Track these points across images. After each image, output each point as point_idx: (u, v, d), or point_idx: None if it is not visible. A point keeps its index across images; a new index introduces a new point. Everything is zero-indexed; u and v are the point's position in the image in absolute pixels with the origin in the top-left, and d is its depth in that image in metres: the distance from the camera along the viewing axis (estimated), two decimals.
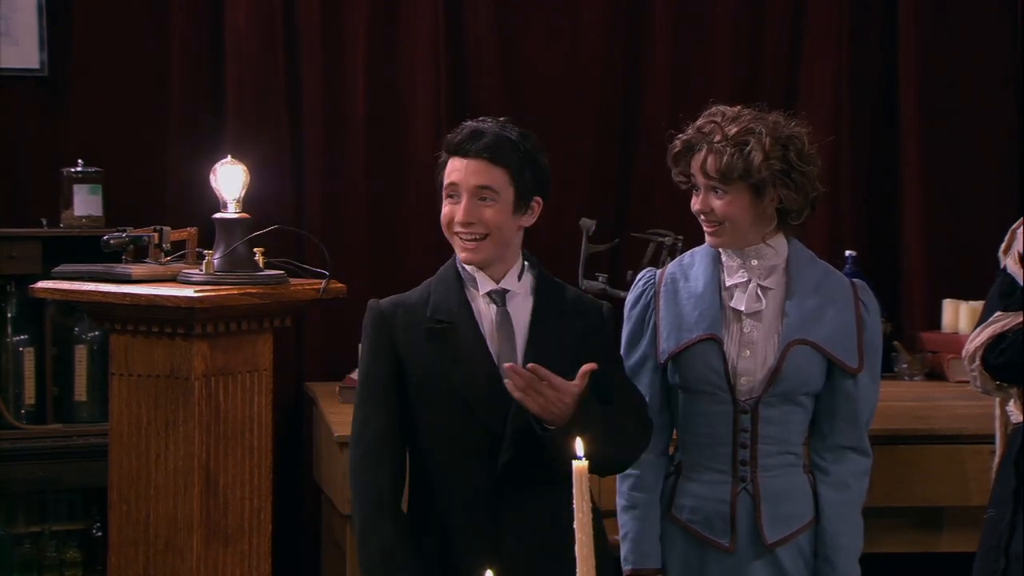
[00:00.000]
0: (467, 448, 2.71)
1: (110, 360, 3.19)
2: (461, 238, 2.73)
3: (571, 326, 2.76)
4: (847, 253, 4.63)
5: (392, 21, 4.74)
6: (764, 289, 2.85)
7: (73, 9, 4.56)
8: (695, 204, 2.86)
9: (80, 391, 4.29)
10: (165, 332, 3.10)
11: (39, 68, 4.52)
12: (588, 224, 4.26)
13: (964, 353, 3.32)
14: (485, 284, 2.75)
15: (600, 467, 2.59)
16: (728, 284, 2.86)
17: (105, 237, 3.28)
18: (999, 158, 4.97)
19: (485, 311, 2.75)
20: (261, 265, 3.18)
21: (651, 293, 2.92)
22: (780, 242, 2.87)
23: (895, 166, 4.96)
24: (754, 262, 2.86)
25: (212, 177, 3.18)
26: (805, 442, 2.94)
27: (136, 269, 3.19)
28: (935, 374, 4.67)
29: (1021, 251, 3.29)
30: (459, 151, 2.73)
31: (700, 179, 2.84)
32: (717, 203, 2.82)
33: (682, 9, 4.89)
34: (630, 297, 2.96)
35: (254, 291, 3.12)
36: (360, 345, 2.82)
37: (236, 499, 3.18)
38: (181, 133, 4.61)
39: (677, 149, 2.89)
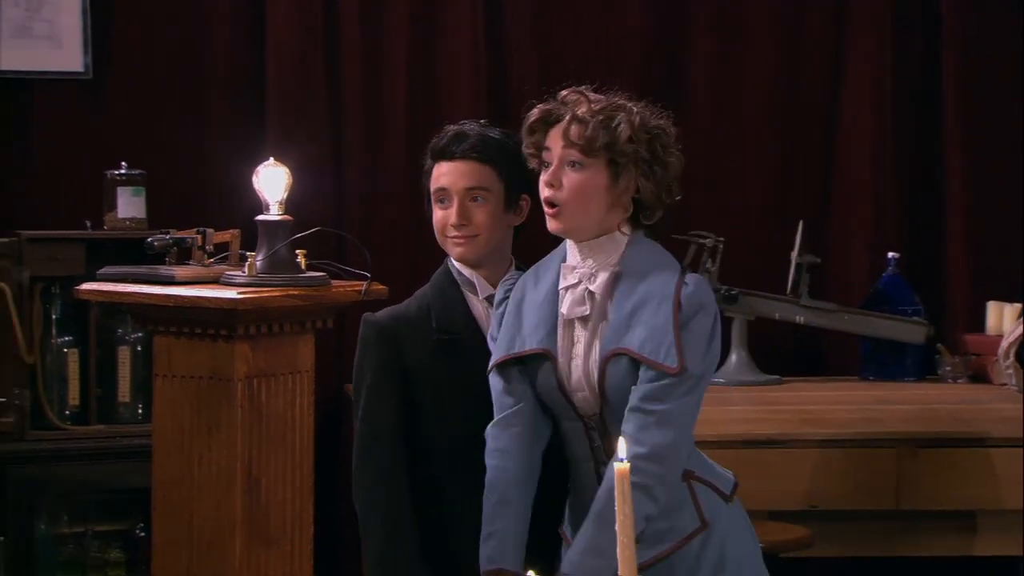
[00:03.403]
0: (481, 465, 2.65)
1: (153, 361, 3.19)
2: (454, 240, 2.72)
3: None
4: (889, 255, 4.62)
5: (432, 23, 4.75)
6: (591, 293, 2.59)
7: (116, 12, 4.59)
8: (544, 177, 2.58)
9: (123, 392, 4.30)
10: (208, 334, 3.11)
11: (83, 71, 4.55)
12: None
13: (999, 351, 3.29)
14: (483, 288, 2.74)
15: None
16: (561, 286, 2.61)
17: (149, 239, 3.29)
18: None
19: (484, 317, 2.74)
20: (303, 267, 3.18)
21: (508, 299, 2.69)
22: (627, 235, 2.60)
23: (938, 166, 4.92)
24: (589, 260, 2.59)
25: (255, 179, 3.18)
26: None
27: (180, 271, 3.20)
28: (979, 377, 4.62)
29: None
30: (445, 154, 2.73)
31: (556, 150, 2.57)
32: (571, 177, 2.55)
33: (722, 15, 4.87)
34: (496, 299, 2.73)
35: (296, 293, 3.12)
36: (357, 361, 2.76)
37: (278, 500, 3.17)
38: (222, 135, 4.62)
39: (535, 118, 2.60)
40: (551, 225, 2.59)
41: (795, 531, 3.79)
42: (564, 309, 2.59)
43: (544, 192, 2.58)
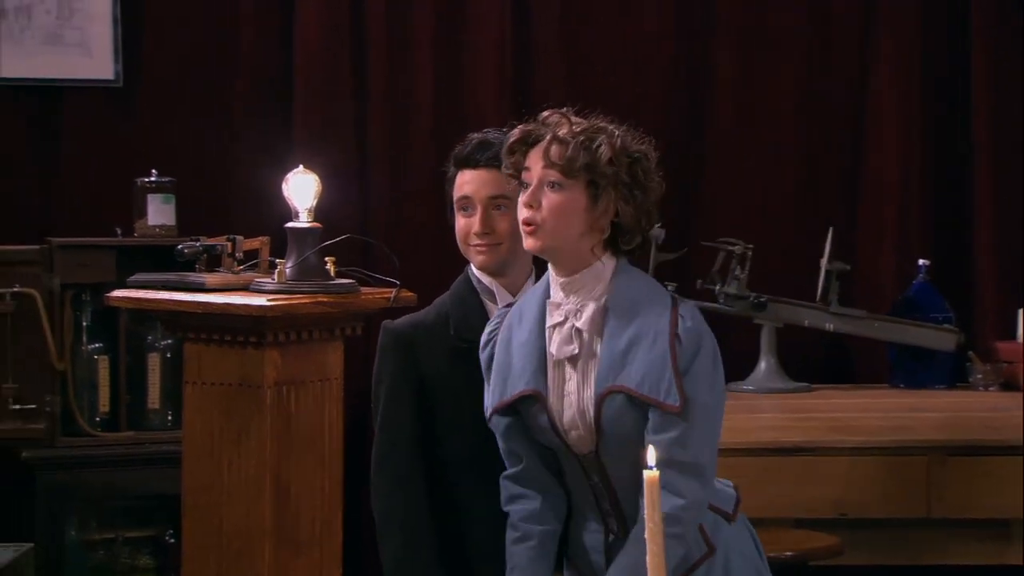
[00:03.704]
0: (495, 472, 2.64)
1: (183, 368, 3.20)
2: (476, 248, 2.71)
3: None
4: (919, 262, 4.60)
5: (458, 29, 4.75)
6: (579, 331, 2.53)
7: (146, 20, 4.61)
8: (523, 198, 2.53)
9: (153, 399, 4.31)
10: (237, 341, 3.11)
11: (113, 79, 4.57)
12: (657, 233, 4.24)
13: None
14: (503, 297, 2.72)
15: None
16: (548, 324, 2.55)
17: (179, 247, 3.29)
18: None
19: None
20: (332, 274, 3.18)
21: (494, 341, 2.63)
22: (609, 263, 2.55)
23: (966, 173, 4.90)
24: (573, 296, 2.54)
25: (284, 186, 3.18)
26: None
27: (209, 278, 3.20)
28: (1010, 385, 4.59)
29: None
30: (469, 163, 2.71)
31: (536, 170, 2.52)
32: (550, 197, 2.51)
33: (748, 17, 4.86)
34: (482, 343, 2.67)
35: (325, 300, 3.11)
36: (376, 368, 2.76)
37: (307, 507, 3.17)
38: (251, 142, 4.64)
39: (515, 138, 2.56)
40: (527, 243, 2.54)
41: (824, 539, 3.77)
42: (553, 349, 2.55)
43: (522, 212, 2.54)
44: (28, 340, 4.22)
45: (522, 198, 2.54)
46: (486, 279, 2.74)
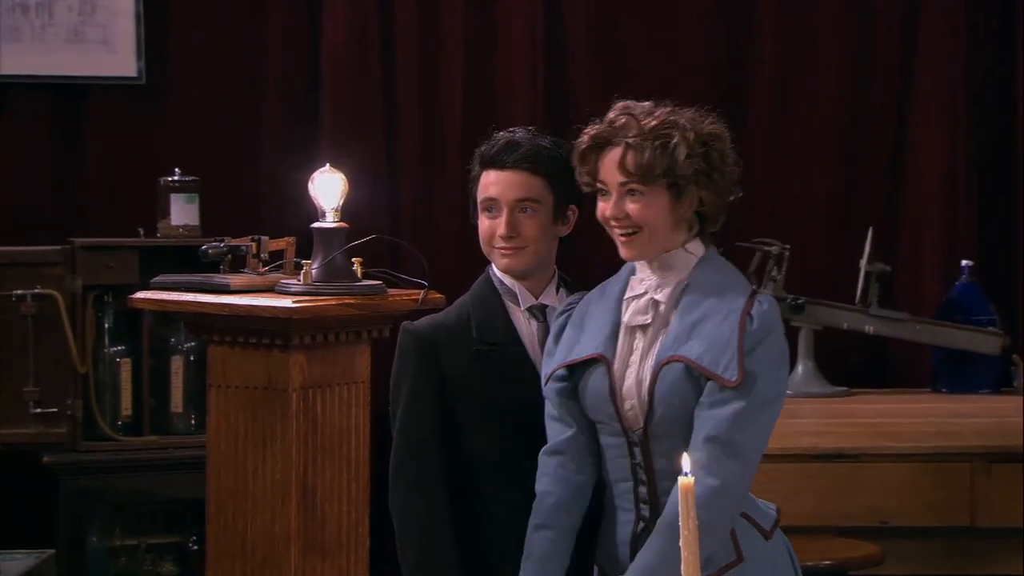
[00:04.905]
0: (518, 477, 2.64)
1: (208, 371, 3.18)
2: (501, 251, 2.69)
3: None
4: (963, 263, 4.58)
5: (489, 29, 4.74)
6: (656, 303, 2.56)
7: (171, 17, 4.60)
8: (604, 210, 2.55)
9: (176, 402, 4.30)
10: (263, 343, 3.08)
11: (137, 76, 4.57)
12: None
13: None
14: (525, 299, 2.72)
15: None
16: (627, 296, 2.60)
17: (203, 247, 3.28)
18: None
19: (526, 327, 2.72)
20: (359, 275, 3.15)
21: (571, 313, 2.66)
22: (698, 250, 2.59)
23: (1012, 171, 4.85)
24: (657, 271, 2.58)
25: (310, 186, 3.17)
26: None
27: (234, 279, 3.18)
28: None
29: None
30: (495, 163, 2.70)
31: (614, 179, 2.54)
32: (632, 207, 2.53)
33: (788, 11, 4.83)
34: (556, 313, 2.72)
35: (352, 302, 3.08)
36: (395, 369, 2.75)
37: (334, 512, 3.14)
38: (276, 141, 4.64)
39: (585, 146, 2.57)
40: (624, 253, 2.58)
41: (865, 548, 3.74)
42: (626, 317, 2.57)
43: (610, 224, 2.56)
44: (50, 343, 4.22)
45: (607, 211, 2.56)
46: (508, 280, 2.73)
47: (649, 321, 2.55)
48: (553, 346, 2.64)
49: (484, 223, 2.72)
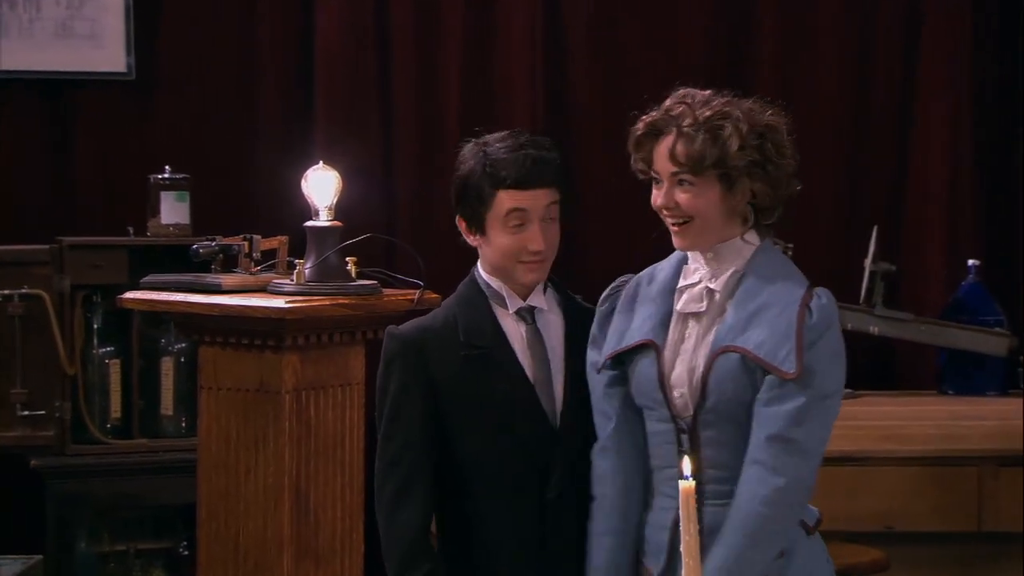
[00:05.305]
0: (510, 481, 2.64)
1: (199, 373, 3.19)
2: (530, 266, 2.65)
3: None
4: (969, 262, 4.56)
5: (487, 26, 4.72)
6: (711, 291, 2.57)
7: (161, 12, 4.58)
8: (656, 198, 2.57)
9: (166, 405, 4.27)
10: (255, 344, 3.09)
11: (126, 72, 4.54)
12: None
13: None
14: (513, 302, 2.69)
15: None
16: (680, 284, 2.60)
17: (194, 246, 3.33)
18: None
19: (514, 329, 2.69)
20: (353, 275, 3.16)
21: (617, 296, 2.67)
22: (755, 240, 2.58)
23: (1017, 172, 4.84)
24: (712, 261, 2.57)
25: (303, 183, 3.19)
26: None
27: (226, 279, 3.21)
28: None
29: None
30: (522, 184, 2.62)
31: (665, 168, 2.54)
32: (683, 196, 2.53)
33: (786, 14, 4.81)
34: (601, 298, 2.73)
35: (346, 302, 3.10)
36: (381, 374, 2.71)
37: (327, 517, 3.15)
38: (270, 138, 4.61)
39: (640, 132, 2.57)
40: (676, 242, 2.58)
41: (870, 553, 3.75)
42: (679, 305, 2.58)
43: (663, 213, 2.57)
44: (37, 343, 4.18)
45: (659, 199, 2.56)
46: (495, 283, 2.70)
47: (703, 309, 2.55)
48: (599, 332, 2.65)
49: (508, 238, 2.63)
